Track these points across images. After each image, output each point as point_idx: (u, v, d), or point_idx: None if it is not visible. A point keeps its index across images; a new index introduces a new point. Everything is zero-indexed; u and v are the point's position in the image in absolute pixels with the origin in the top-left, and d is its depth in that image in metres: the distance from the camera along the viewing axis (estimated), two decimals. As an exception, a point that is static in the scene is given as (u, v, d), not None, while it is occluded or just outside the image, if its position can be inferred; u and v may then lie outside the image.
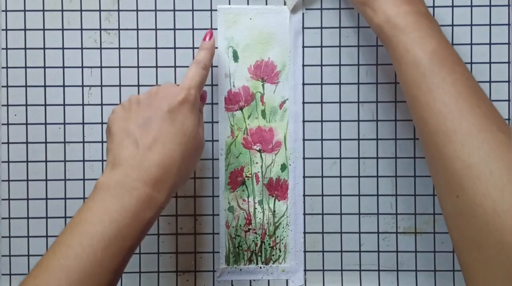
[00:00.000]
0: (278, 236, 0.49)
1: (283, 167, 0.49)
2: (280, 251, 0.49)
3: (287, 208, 0.49)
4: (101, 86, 0.49)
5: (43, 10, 0.49)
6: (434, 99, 0.36)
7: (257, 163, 0.49)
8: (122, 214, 0.34)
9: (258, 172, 0.49)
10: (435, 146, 0.36)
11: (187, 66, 0.42)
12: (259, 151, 0.49)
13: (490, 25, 0.49)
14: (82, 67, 0.49)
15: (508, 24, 0.48)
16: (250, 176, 0.49)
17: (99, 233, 0.33)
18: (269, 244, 0.49)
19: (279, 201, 0.49)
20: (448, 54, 0.38)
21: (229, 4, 0.48)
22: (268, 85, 0.48)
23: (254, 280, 0.49)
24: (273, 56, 0.48)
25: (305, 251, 0.49)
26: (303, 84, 0.49)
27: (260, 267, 0.49)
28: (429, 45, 0.37)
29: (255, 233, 0.49)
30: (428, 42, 0.37)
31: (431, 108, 0.36)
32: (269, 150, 0.49)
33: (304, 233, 0.49)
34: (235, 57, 0.48)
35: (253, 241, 0.49)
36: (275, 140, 0.49)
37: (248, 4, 0.48)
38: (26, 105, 0.49)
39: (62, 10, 0.49)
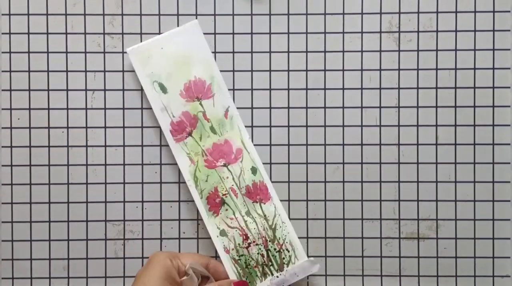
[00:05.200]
0: (279, 238, 0.48)
1: (254, 170, 0.48)
2: (288, 251, 0.48)
3: (275, 207, 0.48)
4: (105, 90, 0.49)
5: (47, 14, 0.49)
6: None
7: (227, 177, 0.48)
8: None
9: (233, 185, 0.48)
10: None
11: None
12: (225, 165, 0.48)
13: (493, 31, 0.49)
14: (86, 71, 0.49)
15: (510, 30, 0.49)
16: (226, 193, 0.48)
17: None
18: (275, 249, 0.48)
19: (264, 204, 0.48)
20: None
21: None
22: (205, 101, 0.48)
23: None
24: (198, 73, 0.47)
25: (308, 256, 0.49)
26: (307, 89, 0.49)
27: (277, 276, 0.47)
28: None
29: (257, 244, 0.48)
30: None
31: None
32: (234, 160, 0.48)
33: (307, 238, 0.49)
34: (163, 89, 0.47)
35: (258, 253, 0.48)
36: (235, 149, 0.48)
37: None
38: (29, 109, 0.49)
39: (66, 14, 0.49)
